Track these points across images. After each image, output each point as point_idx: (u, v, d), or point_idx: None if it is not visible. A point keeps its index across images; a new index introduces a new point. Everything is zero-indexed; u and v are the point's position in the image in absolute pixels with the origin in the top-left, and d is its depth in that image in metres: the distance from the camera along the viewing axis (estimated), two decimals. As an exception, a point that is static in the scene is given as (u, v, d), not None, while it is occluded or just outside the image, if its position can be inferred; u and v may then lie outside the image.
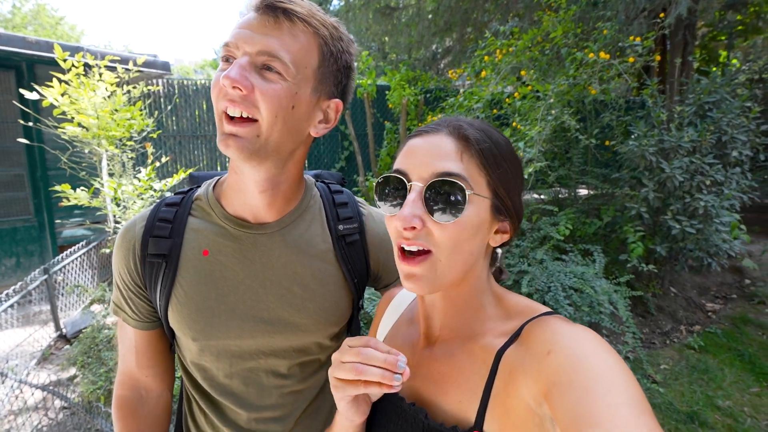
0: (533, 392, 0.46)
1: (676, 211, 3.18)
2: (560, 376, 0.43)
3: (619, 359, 0.44)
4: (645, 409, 0.39)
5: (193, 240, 0.76)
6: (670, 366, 3.09)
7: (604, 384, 0.40)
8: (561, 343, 0.47)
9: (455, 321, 0.61)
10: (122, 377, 0.85)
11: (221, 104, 0.64)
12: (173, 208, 0.78)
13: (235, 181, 0.75)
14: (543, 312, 0.56)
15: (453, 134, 0.55)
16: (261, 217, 0.77)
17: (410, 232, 0.53)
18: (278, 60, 0.63)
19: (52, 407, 2.72)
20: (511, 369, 0.50)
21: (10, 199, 4.58)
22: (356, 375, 0.50)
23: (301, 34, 0.65)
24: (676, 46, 5.00)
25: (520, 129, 3.35)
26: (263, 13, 0.64)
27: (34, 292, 3.51)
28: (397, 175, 0.56)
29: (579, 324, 0.51)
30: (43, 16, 20.76)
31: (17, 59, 4.30)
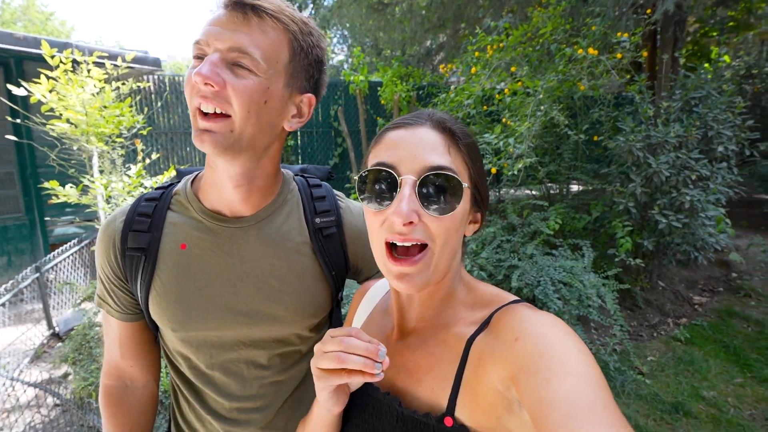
0: (501, 377, 0.48)
1: (662, 205, 3.22)
2: (527, 362, 0.45)
3: (582, 344, 0.47)
4: (604, 389, 0.42)
5: (171, 234, 0.77)
6: (657, 358, 3.14)
7: (567, 368, 0.43)
8: (528, 330, 0.49)
9: (430, 312, 0.62)
10: (108, 367, 0.87)
11: (194, 101, 0.65)
12: (153, 203, 0.79)
13: (210, 176, 0.77)
14: (511, 300, 0.58)
15: (437, 128, 0.56)
16: (237, 211, 0.78)
17: (408, 227, 0.52)
18: (248, 56, 0.64)
19: (45, 404, 2.73)
20: (481, 356, 0.52)
21: (0, 197, 4.55)
22: (338, 363, 0.50)
23: (270, 30, 0.67)
24: (666, 42, 5.03)
25: (510, 125, 3.37)
26: (232, 10, 0.65)
27: (26, 290, 3.49)
28: (384, 168, 0.54)
29: (545, 311, 0.53)
30: (32, 11, 20.49)
31: (5, 55, 4.26)
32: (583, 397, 0.40)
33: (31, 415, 2.55)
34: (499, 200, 4.93)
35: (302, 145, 6.58)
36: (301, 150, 6.59)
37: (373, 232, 0.57)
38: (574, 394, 0.40)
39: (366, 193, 0.57)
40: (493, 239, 3.49)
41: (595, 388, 0.41)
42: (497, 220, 3.78)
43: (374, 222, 0.56)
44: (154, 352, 0.88)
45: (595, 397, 0.40)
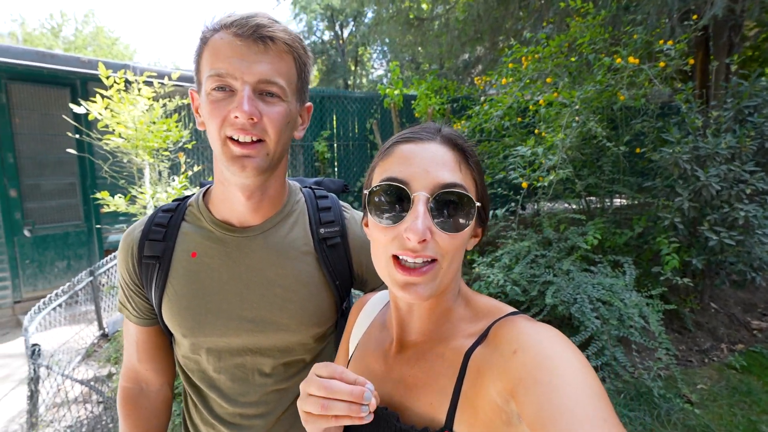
0: (500, 390, 0.47)
1: (713, 221, 3.00)
2: (526, 374, 0.45)
3: (581, 356, 0.46)
4: (604, 401, 0.41)
5: (183, 243, 0.82)
6: (708, 386, 2.89)
7: (566, 380, 0.42)
8: (526, 342, 0.48)
9: (430, 325, 0.62)
10: (125, 370, 0.92)
11: (228, 131, 0.70)
12: (168, 214, 0.84)
13: (221, 191, 0.81)
14: (509, 312, 0.57)
15: (448, 144, 0.57)
16: (245, 221, 0.82)
17: (421, 245, 0.52)
18: (276, 85, 0.70)
19: (91, 401, 2.91)
20: (479, 368, 0.51)
21: (63, 206, 4.96)
22: (322, 411, 0.50)
23: (284, 55, 0.71)
24: (721, 49, 4.74)
25: (544, 137, 3.28)
26: (252, 41, 0.68)
27: (81, 292, 3.77)
28: (396, 184, 0.54)
29: (543, 323, 0.52)
30: (101, 37, 22.48)
31: (72, 77, 4.69)
32: (583, 410, 0.40)
33: (78, 410, 2.73)
34: (535, 213, 4.78)
35: (338, 157, 6.72)
36: (337, 162, 6.72)
37: (379, 246, 0.57)
38: (574, 407, 0.40)
39: (375, 208, 0.56)
40: (527, 253, 3.39)
41: (595, 400, 0.41)
42: (532, 234, 3.66)
43: (382, 237, 0.55)
44: (168, 356, 0.92)
45: (595, 409, 0.40)
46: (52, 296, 3.22)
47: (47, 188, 4.81)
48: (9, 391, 3.23)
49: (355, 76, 19.24)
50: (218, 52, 0.69)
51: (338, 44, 17.86)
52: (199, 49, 0.73)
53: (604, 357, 2.67)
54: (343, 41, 17.99)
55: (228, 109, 0.68)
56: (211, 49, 0.70)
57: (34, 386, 2.35)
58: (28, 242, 4.70)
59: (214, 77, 0.68)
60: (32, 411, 2.34)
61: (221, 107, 0.69)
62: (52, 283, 4.90)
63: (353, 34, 17.80)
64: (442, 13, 8.25)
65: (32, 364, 2.34)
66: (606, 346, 2.70)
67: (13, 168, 4.51)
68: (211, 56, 0.69)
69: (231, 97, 0.69)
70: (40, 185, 4.76)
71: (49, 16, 23.05)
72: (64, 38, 21.88)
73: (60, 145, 4.68)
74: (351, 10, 15.56)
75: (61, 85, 4.75)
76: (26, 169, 4.64)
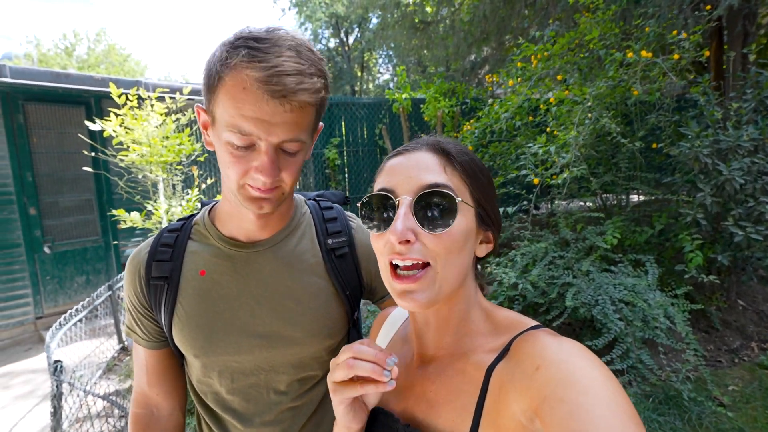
0: (524, 408, 0.46)
1: (738, 216, 2.91)
2: (550, 391, 0.43)
3: (607, 371, 0.44)
4: (633, 420, 0.40)
5: (191, 262, 0.81)
6: (740, 387, 2.79)
7: (592, 398, 0.41)
8: (549, 357, 0.47)
9: (448, 338, 0.61)
10: (135, 395, 0.90)
11: (247, 180, 0.69)
12: (174, 234, 0.84)
13: (230, 207, 0.80)
14: (531, 326, 0.56)
15: (433, 150, 0.58)
16: (254, 237, 0.82)
17: (404, 246, 0.53)
18: (298, 142, 0.69)
19: (113, 415, 2.93)
20: (501, 385, 0.50)
21: (81, 222, 5.05)
22: (348, 369, 0.52)
23: (309, 108, 0.68)
24: (735, 39, 4.63)
25: (556, 135, 3.23)
26: (278, 103, 0.63)
27: (100, 307, 3.82)
28: (383, 193, 0.56)
29: (567, 338, 0.50)
30: (113, 54, 23.03)
31: (86, 95, 4.79)
32: (612, 429, 0.38)
33: (100, 424, 2.75)
34: (550, 214, 4.71)
35: (348, 163, 6.72)
36: (347, 168, 6.73)
37: (378, 255, 0.59)
38: (603, 426, 0.38)
39: (368, 219, 0.59)
40: (544, 255, 3.32)
41: (623, 418, 0.39)
42: (548, 234, 3.60)
43: (377, 244, 0.58)
44: (179, 380, 0.91)
45: (623, 428, 0.38)
46: (72, 311, 3.26)
47: (65, 205, 4.91)
48: (33, 407, 3.27)
49: (362, 82, 19.33)
50: (241, 105, 0.63)
51: (344, 51, 17.98)
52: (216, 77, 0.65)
53: (630, 360, 2.60)
54: (348, 48, 18.10)
55: (250, 165, 0.67)
56: (233, 94, 0.63)
57: (57, 402, 2.38)
58: (48, 259, 4.79)
59: (236, 134, 0.65)
60: (56, 428, 2.36)
61: (242, 162, 0.68)
62: (72, 298, 4.98)
63: (358, 41, 17.91)
64: (447, 16, 8.24)
65: (55, 381, 2.36)
66: (631, 349, 2.63)
67: (32, 186, 4.61)
68: (233, 104, 0.64)
69: (251, 150, 0.67)
70: (58, 202, 4.85)
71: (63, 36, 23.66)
72: (78, 57, 22.46)
73: (76, 162, 4.77)
74: (356, 17, 15.68)
75: (76, 104, 4.85)
76: (44, 187, 4.74)
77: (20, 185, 4.51)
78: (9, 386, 3.63)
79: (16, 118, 4.45)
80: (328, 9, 16.16)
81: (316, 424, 0.84)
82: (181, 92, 3.14)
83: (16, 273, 4.56)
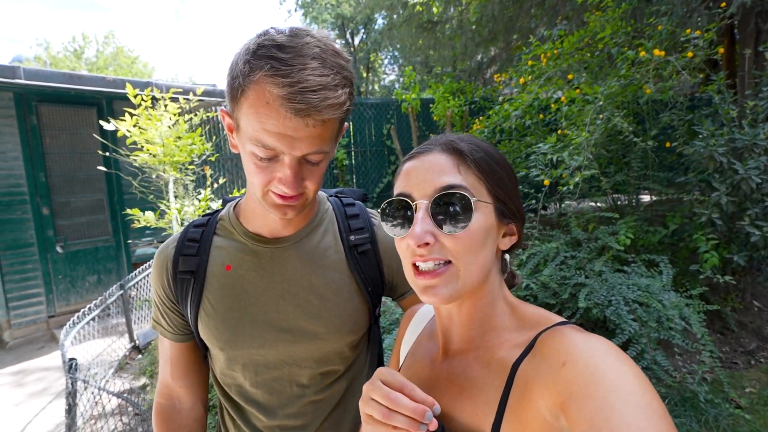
0: (549, 404, 0.45)
1: (754, 216, 2.87)
2: (577, 388, 0.43)
3: (637, 369, 0.44)
4: (664, 419, 0.39)
5: (217, 257, 0.82)
6: (758, 390, 2.75)
7: (622, 396, 0.40)
8: (576, 354, 0.46)
9: (472, 333, 0.62)
10: (160, 386, 0.92)
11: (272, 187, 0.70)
12: (200, 229, 0.85)
13: (254, 206, 0.81)
14: (557, 322, 0.56)
15: (446, 150, 0.58)
16: (278, 233, 0.83)
17: (424, 248, 0.54)
18: (322, 153, 0.69)
19: (126, 413, 2.95)
20: (527, 381, 0.50)
21: (92, 221, 5.10)
22: (383, 418, 0.51)
23: (333, 121, 0.68)
24: (747, 36, 4.58)
25: (567, 135, 3.20)
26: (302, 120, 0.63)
27: (112, 306, 3.85)
28: (401, 197, 0.58)
29: (594, 334, 0.50)
30: (121, 57, 23.26)
31: (98, 96, 4.84)
32: (641, 429, 0.37)
33: (114, 422, 2.77)
34: (560, 214, 4.67)
35: (356, 164, 6.73)
36: (355, 169, 6.74)
37: (401, 256, 0.60)
38: (631, 425, 0.37)
39: (389, 223, 0.61)
40: (556, 255, 3.30)
41: (653, 417, 0.38)
42: (560, 234, 3.57)
43: (400, 247, 0.59)
44: (202, 374, 0.92)
45: (653, 427, 0.37)
46: (85, 310, 3.29)
47: (77, 205, 4.96)
48: (47, 404, 3.31)
49: (368, 83, 19.37)
50: (265, 120, 0.63)
51: (350, 52, 17.91)
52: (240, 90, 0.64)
53: (644, 361, 2.57)
54: (354, 49, 18.15)
55: (273, 174, 0.69)
56: (257, 109, 0.63)
57: (72, 400, 2.39)
58: (61, 258, 4.84)
59: (259, 147, 0.66)
60: (71, 425, 2.38)
61: (266, 172, 0.69)
62: (84, 297, 5.03)
63: (364, 41, 17.95)
64: (454, 15, 8.23)
65: (69, 378, 2.38)
66: (645, 350, 2.60)
67: (45, 187, 4.66)
68: (256, 118, 0.64)
69: (275, 161, 0.68)
70: (70, 203, 4.90)
71: (72, 39, 23.90)
72: (87, 59, 22.72)
73: (88, 162, 4.82)
74: (362, 18, 15.71)
75: (88, 105, 4.91)
76: (57, 188, 4.79)
77: (33, 185, 4.56)
78: (23, 384, 3.67)
79: (29, 119, 4.51)
80: (334, 10, 16.21)
81: (338, 418, 0.85)
82: (195, 93, 3.16)
83: (29, 272, 4.62)
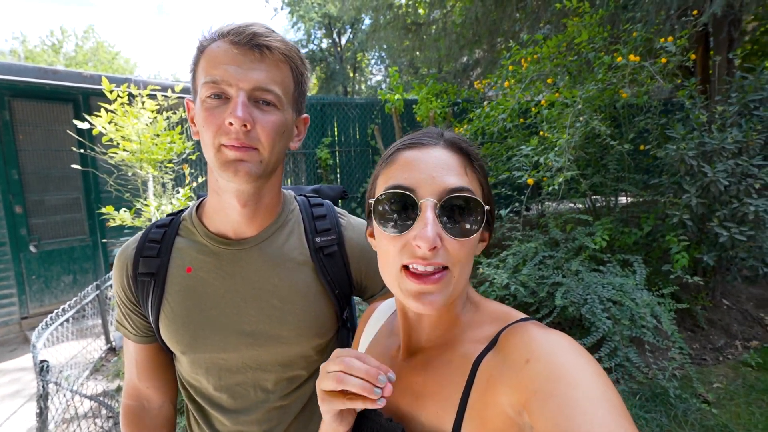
0: (512, 401, 0.46)
1: (723, 217, 2.97)
2: (540, 385, 0.43)
3: (597, 366, 0.44)
4: (623, 415, 0.40)
5: (178, 258, 0.80)
6: (725, 385, 2.85)
7: (583, 391, 0.41)
8: (539, 351, 0.46)
9: (438, 332, 0.60)
10: (127, 387, 0.90)
11: (222, 139, 0.69)
12: (162, 229, 0.83)
13: (216, 201, 0.79)
14: (519, 318, 0.55)
15: (452, 148, 0.56)
16: (241, 233, 0.81)
17: (432, 252, 0.50)
18: (271, 93, 0.69)
19: (100, 415, 2.89)
20: (489, 378, 0.50)
21: (68, 220, 4.97)
22: (337, 383, 0.50)
23: (281, 64, 0.71)
24: (721, 44, 4.73)
25: (547, 137, 3.27)
26: (248, 49, 0.68)
27: (88, 306, 3.76)
28: (403, 191, 0.52)
29: (555, 330, 0.50)
30: (101, 52, 22.69)
31: (74, 92, 4.71)
32: (602, 425, 0.38)
33: (87, 425, 2.71)
34: (540, 214, 4.76)
35: (341, 163, 6.72)
36: (339, 169, 6.72)
37: (388, 257, 0.55)
38: (593, 422, 0.38)
39: (381, 217, 0.54)
40: (534, 255, 3.36)
41: (614, 413, 0.39)
42: (539, 235, 3.64)
43: (391, 247, 0.53)
44: (169, 374, 0.91)
45: (614, 424, 0.38)
46: (59, 311, 3.21)
47: (52, 203, 4.82)
48: (18, 407, 3.22)
49: (354, 83, 19.33)
50: (214, 60, 0.69)
51: (336, 52, 17.96)
52: (196, 58, 0.73)
53: (617, 358, 2.64)
54: (341, 48, 18.09)
55: (222, 117, 0.67)
56: (208, 58, 0.70)
57: (43, 403, 2.34)
58: (34, 258, 4.70)
59: (209, 84, 0.68)
60: (42, 428, 2.32)
61: (216, 115, 0.68)
62: (58, 298, 4.90)
63: (351, 41, 17.91)
64: (439, 18, 8.29)
65: (41, 381, 2.32)
66: (618, 347, 2.67)
67: (18, 184, 4.53)
68: (207, 64, 0.69)
69: (226, 104, 0.68)
70: (45, 201, 4.77)
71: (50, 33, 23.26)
72: (65, 54, 22.10)
73: (64, 160, 4.70)
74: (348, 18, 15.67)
75: (64, 101, 4.78)
76: (31, 185, 4.65)
77: (5, 183, 4.42)
78: (-6, 387, 3.57)
79: (2, 114, 4.37)
80: (320, 9, 16.14)
81: (304, 423, 0.84)
82: (173, 90, 3.12)
83: (0, 272, 4.47)
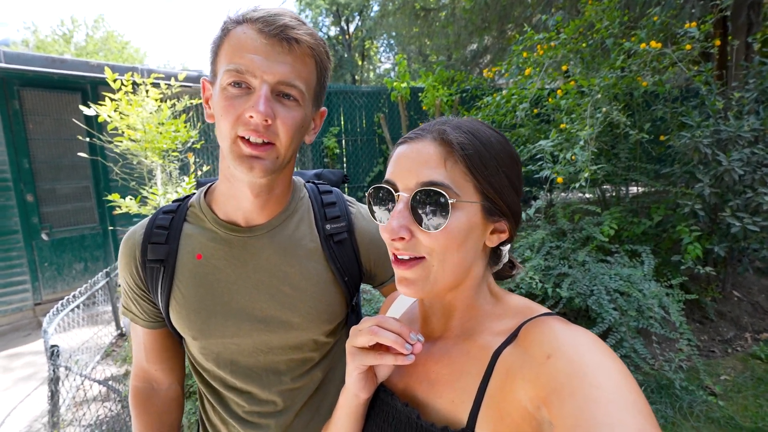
0: (531, 396, 0.45)
1: (736, 207, 2.90)
2: (561, 382, 0.43)
3: (621, 365, 0.43)
4: (647, 417, 0.39)
5: (187, 245, 0.80)
6: (732, 377, 2.81)
7: (605, 391, 0.40)
8: (561, 347, 0.46)
9: (453, 321, 0.61)
10: (135, 369, 0.92)
11: (240, 130, 0.67)
12: (170, 216, 0.82)
13: (228, 188, 0.78)
14: (542, 312, 0.55)
15: (436, 140, 0.55)
16: (252, 220, 0.80)
17: (399, 242, 0.54)
18: (295, 89, 0.68)
19: (110, 399, 2.96)
20: (508, 370, 0.50)
21: (78, 209, 5.04)
22: (371, 335, 0.53)
23: (307, 59, 0.69)
24: (739, 29, 4.57)
25: (565, 129, 3.17)
26: (277, 41, 0.66)
27: (98, 293, 3.83)
28: (386, 185, 0.57)
29: (578, 326, 0.49)
30: (111, 42, 22.76)
31: (82, 81, 4.74)
32: (623, 426, 0.37)
33: (97, 409, 2.77)
34: (549, 204, 4.70)
35: (347, 152, 6.69)
36: (346, 158, 6.70)
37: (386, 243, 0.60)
38: (614, 422, 0.37)
39: (371, 208, 0.60)
40: (541, 245, 3.32)
41: (636, 415, 0.38)
42: (546, 224, 3.59)
43: (383, 235, 0.58)
44: (177, 356, 0.92)
45: (637, 426, 0.37)
46: (70, 298, 3.27)
47: (62, 192, 4.89)
48: (33, 390, 3.30)
49: (363, 71, 19.16)
50: (240, 47, 0.66)
51: (344, 39, 17.78)
52: (219, 39, 0.69)
53: (624, 349, 2.61)
54: (349, 36, 17.90)
55: (243, 107, 0.66)
56: (233, 42, 0.67)
57: (54, 386, 2.39)
58: (46, 246, 4.79)
59: (232, 72, 0.66)
60: (53, 411, 2.38)
61: (236, 105, 0.66)
62: (70, 284, 4.99)
63: (359, 29, 17.71)
64: (449, 3, 8.13)
65: (52, 365, 2.37)
66: (625, 338, 2.64)
67: (29, 173, 4.59)
68: (232, 49, 0.67)
69: (247, 95, 0.66)
70: (56, 189, 4.83)
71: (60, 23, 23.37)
72: (76, 44, 22.22)
73: (73, 149, 4.74)
74: (356, 4, 15.48)
75: (72, 90, 4.81)
76: (42, 174, 4.72)
77: (17, 172, 4.48)
78: (10, 369, 3.67)
79: (11, 104, 4.41)
80: (329, -4, 15.95)
81: (316, 405, 0.85)
82: (177, 78, 3.11)
83: (13, 260, 4.57)
